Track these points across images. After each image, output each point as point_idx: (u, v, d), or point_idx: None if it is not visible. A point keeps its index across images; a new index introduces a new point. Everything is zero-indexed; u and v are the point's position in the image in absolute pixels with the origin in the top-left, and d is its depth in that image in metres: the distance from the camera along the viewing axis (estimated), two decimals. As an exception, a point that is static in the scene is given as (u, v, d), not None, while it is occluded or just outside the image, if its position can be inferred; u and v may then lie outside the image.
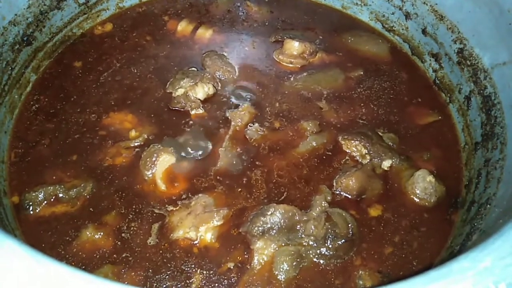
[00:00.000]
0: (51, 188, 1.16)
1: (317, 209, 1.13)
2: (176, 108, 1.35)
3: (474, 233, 1.02)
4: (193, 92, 1.36)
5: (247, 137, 1.30)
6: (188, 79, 1.36)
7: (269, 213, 1.11)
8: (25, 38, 1.36)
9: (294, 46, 1.50)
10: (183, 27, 1.59)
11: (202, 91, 1.37)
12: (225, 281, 1.06)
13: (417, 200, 1.21)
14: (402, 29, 1.57)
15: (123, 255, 1.08)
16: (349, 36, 1.59)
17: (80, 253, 1.08)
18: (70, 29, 1.52)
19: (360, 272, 1.09)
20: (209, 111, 1.36)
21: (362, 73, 1.48)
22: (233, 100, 1.39)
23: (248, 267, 1.07)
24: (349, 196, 1.20)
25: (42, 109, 1.35)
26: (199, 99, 1.36)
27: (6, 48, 1.29)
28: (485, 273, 0.60)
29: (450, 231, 1.17)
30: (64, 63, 1.47)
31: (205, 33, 1.58)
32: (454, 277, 0.60)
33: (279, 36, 1.54)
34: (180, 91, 1.35)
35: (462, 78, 1.38)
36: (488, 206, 1.06)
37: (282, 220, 1.10)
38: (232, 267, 1.07)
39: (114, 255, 1.08)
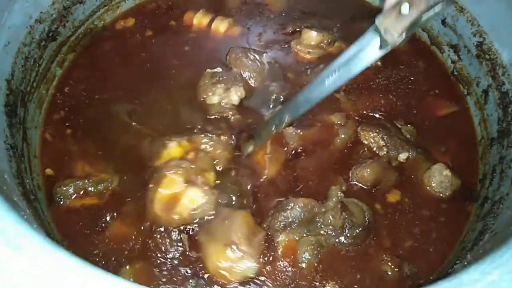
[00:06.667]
0: (80, 182, 1.20)
1: (333, 199, 1.16)
2: (214, 116, 1.34)
3: (486, 232, 1.05)
4: (228, 99, 1.34)
5: (286, 139, 1.29)
6: (221, 86, 1.34)
7: (289, 207, 1.14)
8: (50, 34, 1.39)
9: (312, 36, 1.49)
10: (199, 19, 1.57)
11: (235, 96, 1.34)
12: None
13: (432, 192, 1.22)
14: (421, 17, 1.55)
15: (151, 254, 1.10)
16: (367, 24, 1.57)
17: (111, 243, 1.12)
18: (91, 21, 1.55)
19: (378, 257, 1.12)
20: (245, 115, 1.34)
21: (379, 63, 1.46)
22: (266, 101, 1.38)
23: (273, 258, 1.11)
24: (364, 187, 1.23)
25: (68, 104, 1.38)
26: (234, 105, 1.35)
27: (33, 45, 1.32)
28: (493, 286, 0.64)
29: (466, 224, 1.18)
30: (86, 56, 1.50)
31: (221, 25, 1.56)
32: (464, 288, 0.64)
33: (297, 26, 1.54)
34: (215, 99, 1.34)
35: (480, 72, 1.36)
36: (501, 205, 1.08)
37: (302, 214, 1.14)
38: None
39: (142, 251, 1.11)
